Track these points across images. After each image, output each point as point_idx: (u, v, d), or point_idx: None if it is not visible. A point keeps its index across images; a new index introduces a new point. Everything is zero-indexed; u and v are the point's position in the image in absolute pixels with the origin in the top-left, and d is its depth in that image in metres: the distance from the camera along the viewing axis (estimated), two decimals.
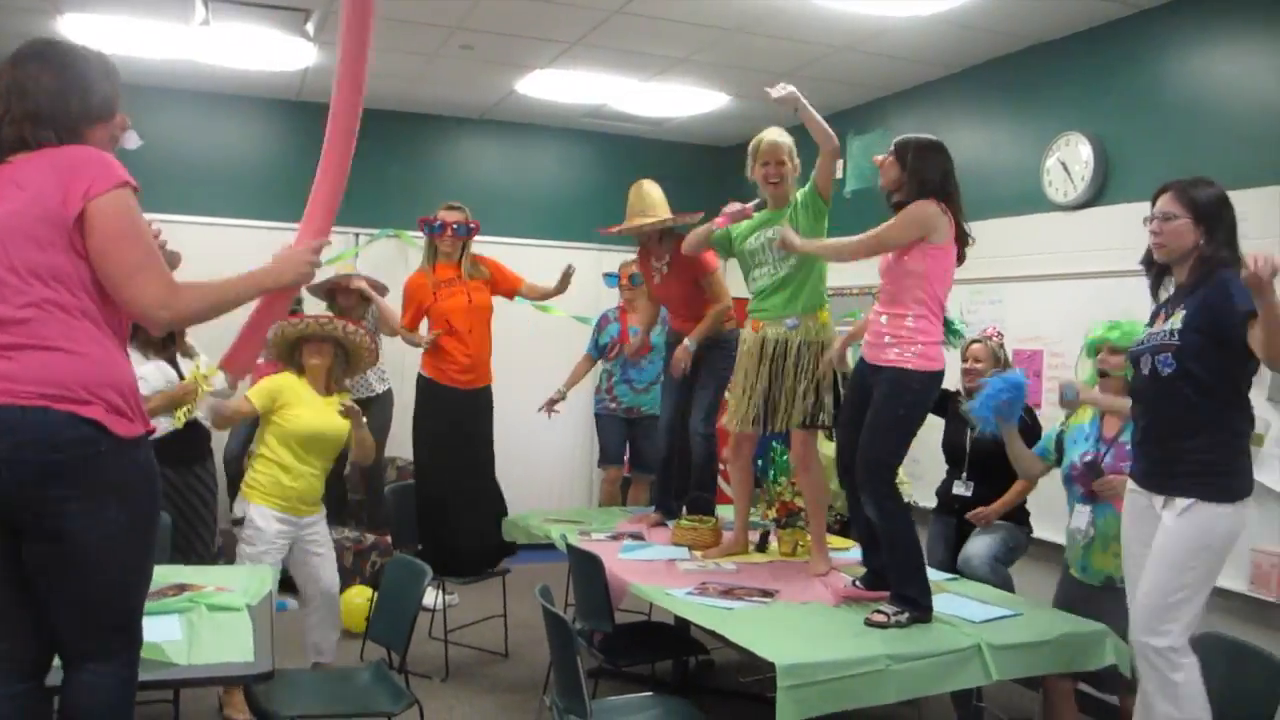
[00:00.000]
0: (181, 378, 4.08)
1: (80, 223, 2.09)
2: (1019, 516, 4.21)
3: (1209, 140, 4.19)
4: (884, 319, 3.36)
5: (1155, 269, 3.07)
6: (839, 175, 6.14)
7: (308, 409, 4.06)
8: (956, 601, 3.44)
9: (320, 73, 6.20)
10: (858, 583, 3.55)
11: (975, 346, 4.30)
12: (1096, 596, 3.52)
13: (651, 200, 4.59)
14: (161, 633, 2.72)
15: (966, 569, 3.97)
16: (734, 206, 3.92)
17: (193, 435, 4.20)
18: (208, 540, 4.25)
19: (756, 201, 3.89)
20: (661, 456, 4.82)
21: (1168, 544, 2.84)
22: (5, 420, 2.04)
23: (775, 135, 3.90)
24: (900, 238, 3.28)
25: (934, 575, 3.45)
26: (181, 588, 3.16)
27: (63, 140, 2.16)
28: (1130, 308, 3.63)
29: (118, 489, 2.14)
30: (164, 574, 3.31)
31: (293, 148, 7.00)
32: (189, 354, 4.19)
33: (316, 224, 2.54)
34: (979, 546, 4.04)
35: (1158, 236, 2.97)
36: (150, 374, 3.99)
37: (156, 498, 2.28)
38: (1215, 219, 2.89)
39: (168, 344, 4.11)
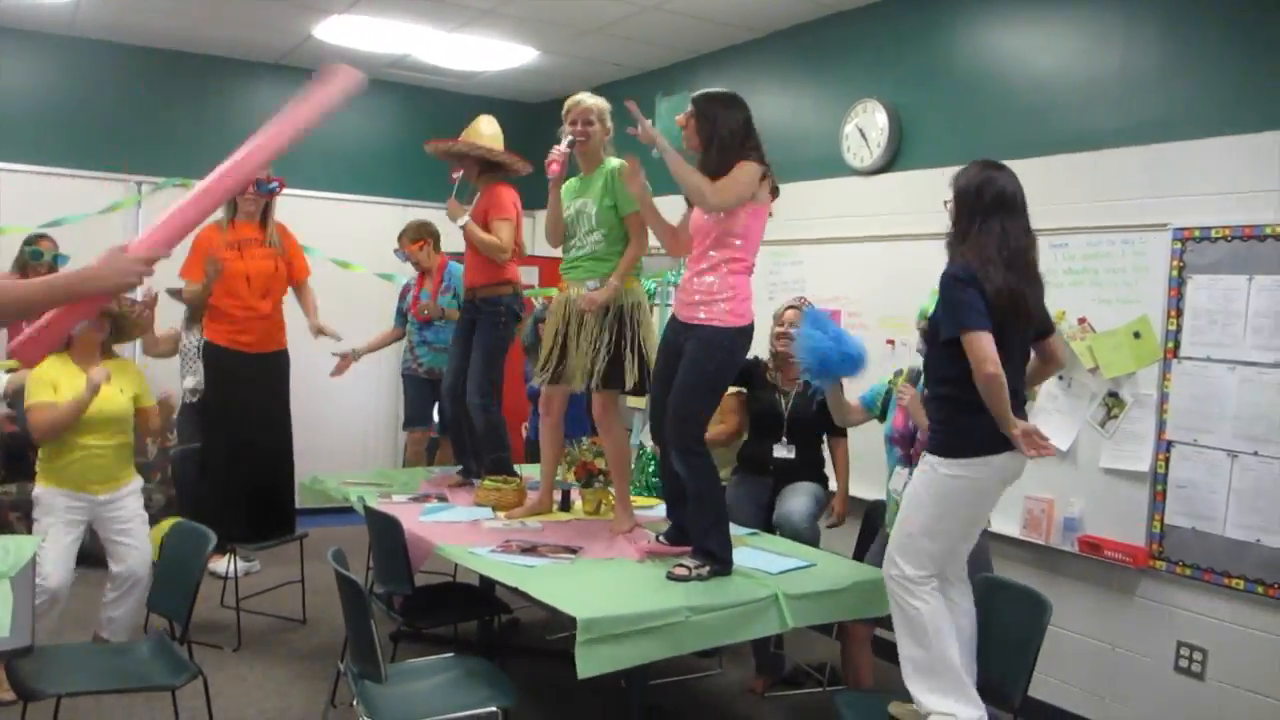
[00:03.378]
0: None
1: None
2: (821, 477, 4.34)
3: (994, 109, 4.40)
4: (695, 278, 3.38)
5: None
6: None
7: (73, 386, 3.76)
8: (755, 555, 3.52)
9: (94, 6, 5.73)
10: (661, 538, 3.59)
11: (789, 312, 4.36)
12: None
13: (480, 133, 4.46)
14: None
15: (787, 525, 4.04)
16: (556, 151, 3.76)
17: None
18: None
19: (569, 139, 3.78)
20: (449, 419, 4.73)
21: (910, 489, 3.10)
22: None
23: (585, 96, 3.87)
24: (743, 196, 3.27)
25: (734, 530, 3.52)
26: None
27: None
28: (920, 270, 3.77)
29: None
30: None
31: (67, 87, 6.47)
32: None
33: (163, 236, 2.30)
34: (797, 504, 4.12)
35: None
36: None
37: None
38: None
39: None
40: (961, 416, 2.95)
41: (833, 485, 4.38)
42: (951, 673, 2.92)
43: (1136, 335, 3.76)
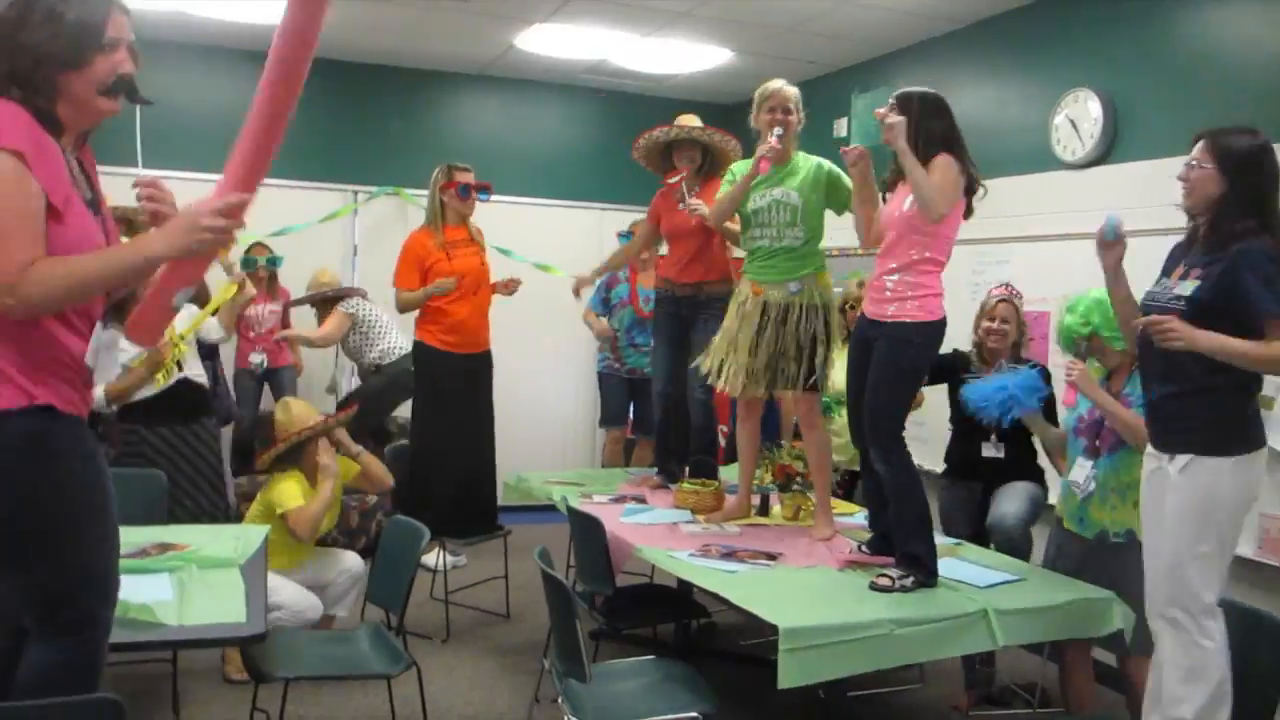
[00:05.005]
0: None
1: None
2: (1037, 475, 4.10)
3: (1220, 95, 4.10)
4: (886, 274, 3.32)
5: (1191, 219, 2.97)
6: (843, 133, 6.11)
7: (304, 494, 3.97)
8: (962, 566, 3.40)
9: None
10: (863, 547, 3.53)
11: (1001, 306, 4.11)
12: (1093, 551, 3.45)
13: (692, 122, 4.50)
14: (152, 592, 2.69)
15: (999, 531, 3.84)
16: (763, 148, 3.74)
17: (185, 392, 4.16)
18: (213, 497, 4.20)
19: (777, 132, 3.75)
20: (656, 422, 4.76)
21: (1174, 503, 2.80)
22: None
23: (783, 83, 3.84)
24: (954, 199, 3.21)
25: (940, 540, 3.41)
26: (164, 547, 3.13)
27: (17, 89, 1.98)
28: (1136, 268, 3.55)
29: None
30: (150, 534, 3.30)
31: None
32: None
33: (230, 180, 2.08)
34: (1010, 508, 3.88)
35: (1184, 184, 2.88)
36: (128, 344, 3.96)
37: (46, 477, 2.02)
38: (1239, 173, 2.78)
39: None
40: (1241, 406, 2.76)
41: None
42: None
43: None
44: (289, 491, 3.91)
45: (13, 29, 1.98)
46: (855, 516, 4.08)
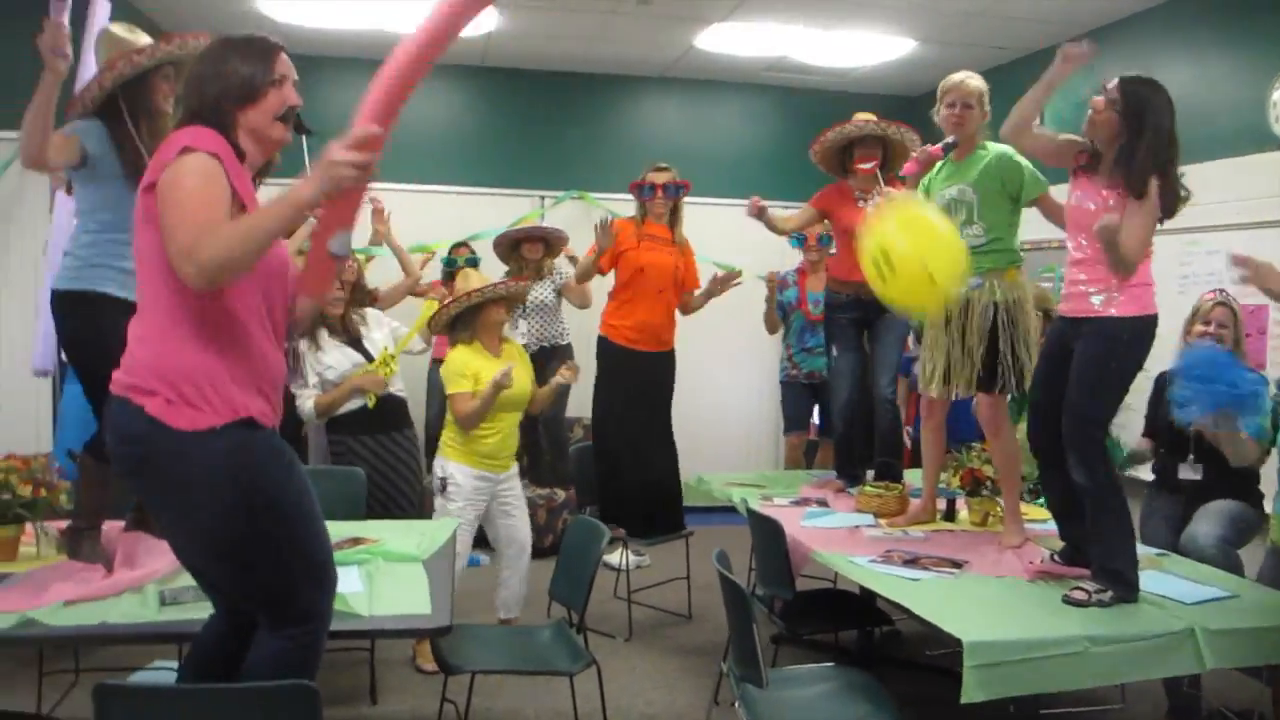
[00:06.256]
0: (367, 357, 4.28)
1: (153, 194, 2.09)
2: (1250, 493, 3.82)
3: None
4: (1082, 267, 3.10)
5: None
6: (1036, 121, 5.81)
7: (488, 373, 4.13)
8: (1167, 580, 3.18)
9: (502, 37, 6.28)
10: (1055, 557, 3.34)
11: (1219, 310, 3.81)
12: None
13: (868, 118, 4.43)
14: (345, 584, 2.82)
15: (1191, 548, 3.61)
16: (922, 151, 3.72)
17: (389, 405, 4.38)
18: (406, 505, 4.40)
19: (947, 140, 3.66)
20: (838, 428, 4.68)
21: None
22: (109, 410, 2.17)
23: (968, 77, 3.71)
24: (1147, 245, 2.97)
25: (1143, 550, 3.20)
26: (356, 541, 3.30)
27: (204, 125, 2.18)
28: None
29: (183, 486, 2.11)
30: (345, 528, 3.48)
31: (479, 113, 7.17)
32: (364, 323, 4.39)
33: (366, 115, 2.12)
34: (1206, 525, 3.65)
35: None
36: (337, 360, 4.25)
37: (254, 486, 2.15)
38: None
39: (345, 327, 4.33)
40: None
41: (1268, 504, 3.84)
42: None
43: None
44: (457, 362, 4.16)
45: (200, 73, 2.23)
46: (1048, 523, 3.87)
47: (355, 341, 4.36)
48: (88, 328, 2.99)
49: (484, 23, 5.92)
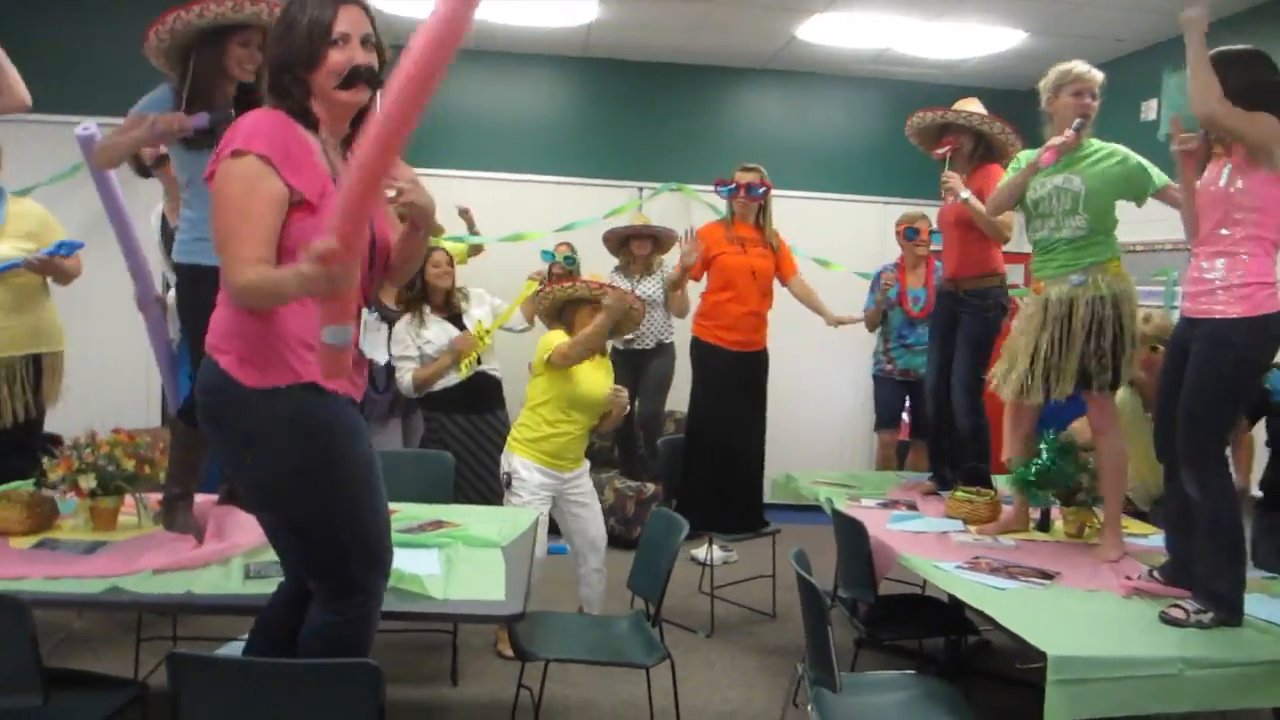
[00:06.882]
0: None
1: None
2: None
3: None
4: (1205, 263, 2.94)
5: None
6: (1151, 116, 5.58)
7: (579, 370, 4.12)
8: (1274, 605, 2.99)
9: (603, 27, 6.27)
10: (1155, 573, 3.18)
11: None
12: None
13: (971, 107, 4.32)
14: (423, 566, 2.87)
15: None
16: (1056, 140, 3.54)
17: (482, 385, 4.42)
18: (495, 484, 4.43)
19: (1078, 123, 3.50)
20: (929, 422, 4.56)
21: None
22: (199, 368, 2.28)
23: (1088, 67, 3.57)
24: (1266, 138, 2.80)
25: (1250, 573, 3.02)
26: (438, 524, 3.34)
27: (273, 95, 2.22)
28: None
29: (248, 438, 2.18)
30: (430, 511, 3.53)
31: (579, 103, 7.18)
32: (466, 299, 4.46)
33: (335, 218, 1.97)
34: None
35: None
36: (435, 335, 4.34)
37: (313, 448, 2.18)
38: None
39: (448, 304, 4.41)
40: None
41: None
42: None
43: None
44: (550, 337, 4.14)
45: (273, 36, 2.26)
46: (1150, 538, 3.71)
47: (456, 318, 4.46)
48: (197, 299, 3.04)
49: (585, 12, 5.92)
